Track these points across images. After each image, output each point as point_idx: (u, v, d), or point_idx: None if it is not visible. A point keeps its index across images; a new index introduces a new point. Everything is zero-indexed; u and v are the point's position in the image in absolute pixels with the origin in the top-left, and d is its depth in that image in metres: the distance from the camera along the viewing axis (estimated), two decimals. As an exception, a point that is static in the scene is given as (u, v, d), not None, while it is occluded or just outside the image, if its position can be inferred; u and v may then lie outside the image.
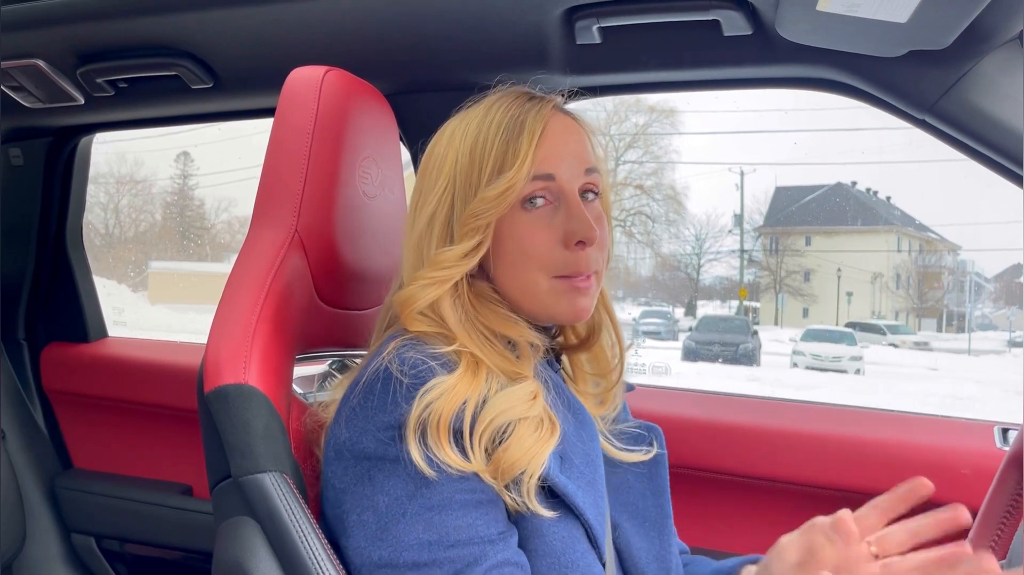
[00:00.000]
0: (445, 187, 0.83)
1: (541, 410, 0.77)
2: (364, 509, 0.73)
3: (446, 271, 0.81)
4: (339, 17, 1.26)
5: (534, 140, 0.81)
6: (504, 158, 0.81)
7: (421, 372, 0.74)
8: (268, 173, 0.95)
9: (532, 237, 0.82)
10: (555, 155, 0.82)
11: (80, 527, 1.83)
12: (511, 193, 0.80)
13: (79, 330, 1.92)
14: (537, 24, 1.21)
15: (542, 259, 0.82)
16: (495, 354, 0.79)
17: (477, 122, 0.84)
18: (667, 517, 0.91)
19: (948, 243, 18.07)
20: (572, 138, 0.85)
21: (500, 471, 0.73)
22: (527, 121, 0.82)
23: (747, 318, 15.48)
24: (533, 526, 0.75)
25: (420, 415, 0.71)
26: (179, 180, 14.66)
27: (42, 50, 1.44)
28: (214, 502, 0.85)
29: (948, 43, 1.03)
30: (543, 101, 0.85)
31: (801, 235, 18.27)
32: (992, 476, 0.95)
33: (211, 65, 1.43)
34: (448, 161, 0.84)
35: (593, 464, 0.82)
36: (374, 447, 0.73)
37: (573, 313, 0.83)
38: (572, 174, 0.83)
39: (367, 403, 0.74)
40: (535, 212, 0.82)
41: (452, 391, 0.73)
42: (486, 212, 0.80)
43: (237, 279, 0.89)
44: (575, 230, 0.81)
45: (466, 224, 0.81)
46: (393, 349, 0.76)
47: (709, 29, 1.18)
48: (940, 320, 17.21)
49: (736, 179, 16.97)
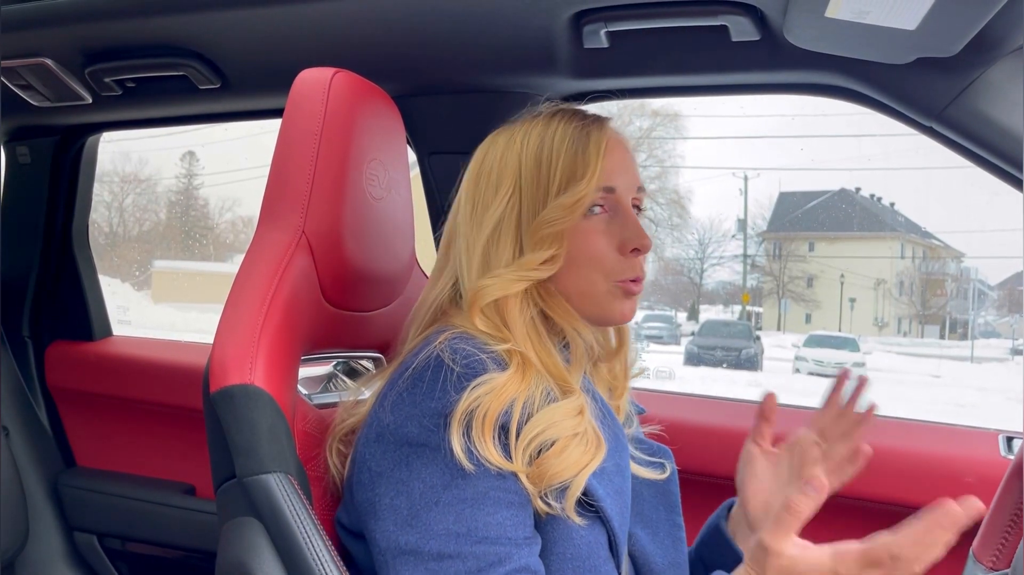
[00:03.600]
0: (510, 194, 0.86)
1: (588, 426, 0.79)
2: (398, 493, 0.73)
3: (528, 273, 0.84)
4: (347, 19, 1.26)
5: (601, 153, 0.85)
6: (574, 168, 0.85)
7: (472, 363, 0.75)
8: (275, 174, 0.95)
9: (596, 243, 0.86)
10: (615, 169, 0.87)
11: (82, 525, 1.83)
12: (583, 203, 0.84)
13: (84, 328, 1.92)
14: (545, 28, 1.22)
15: (603, 263, 0.86)
16: (547, 355, 0.82)
17: (539, 132, 0.87)
18: (679, 529, 0.93)
19: (952, 250, 18.04)
20: (628, 155, 0.90)
21: (542, 478, 0.74)
22: (592, 134, 0.86)
23: (750, 323, 15.47)
24: (563, 530, 0.76)
25: (468, 406, 0.72)
26: (184, 179, 14.69)
27: (50, 49, 1.45)
28: (218, 502, 0.85)
29: (956, 51, 1.03)
30: (601, 119, 0.90)
31: (804, 240, 18.25)
32: (996, 484, 0.95)
33: (219, 66, 1.43)
34: (510, 168, 0.87)
35: (623, 474, 0.84)
36: (417, 433, 0.74)
37: (623, 314, 0.88)
38: (628, 188, 0.88)
39: (416, 389, 0.75)
40: (594, 219, 0.86)
41: (502, 388, 0.74)
42: (561, 219, 0.84)
43: (244, 279, 0.89)
44: (631, 238, 0.86)
45: (540, 231, 0.84)
46: (445, 340, 0.78)
47: (717, 34, 1.18)
48: (943, 327, 17.17)
49: (740, 184, 16.97)
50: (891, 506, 1.30)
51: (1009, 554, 0.89)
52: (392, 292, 1.10)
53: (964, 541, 0.98)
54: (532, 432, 0.74)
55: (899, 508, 1.30)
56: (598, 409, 0.84)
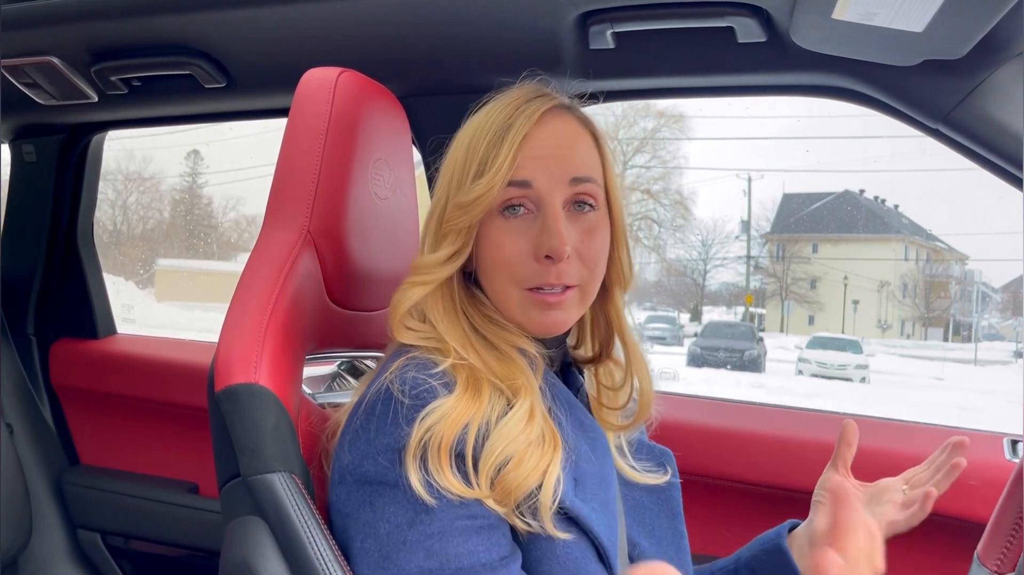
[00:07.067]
0: (442, 189, 0.82)
1: (539, 429, 0.75)
2: (366, 536, 0.72)
3: (427, 275, 0.80)
4: (353, 19, 1.26)
5: (515, 144, 0.78)
6: (486, 162, 0.78)
7: (421, 394, 0.72)
8: (281, 173, 0.95)
9: (504, 246, 0.79)
10: (538, 161, 0.79)
11: (86, 523, 1.83)
12: (484, 200, 0.78)
13: (88, 326, 1.92)
14: (552, 28, 1.22)
15: (512, 270, 0.79)
16: (492, 358, 0.78)
17: (477, 121, 0.82)
18: (682, 538, 0.91)
19: (956, 253, 18.02)
20: (564, 143, 0.81)
21: (508, 495, 0.72)
22: (515, 123, 0.78)
23: (752, 324, 15.46)
24: (547, 548, 0.74)
25: (421, 438, 0.70)
26: (188, 178, 14.72)
27: (57, 47, 1.45)
28: (222, 501, 0.85)
29: (963, 53, 1.03)
30: (540, 101, 0.81)
31: (808, 242, 18.25)
32: (1001, 488, 0.95)
33: (225, 65, 1.43)
34: (449, 162, 0.83)
35: (606, 483, 0.81)
36: (375, 471, 0.72)
37: (542, 326, 0.81)
38: (553, 183, 0.79)
39: (368, 425, 0.73)
40: (513, 220, 0.79)
41: (452, 414, 0.71)
42: (462, 217, 0.79)
43: (249, 279, 0.89)
44: (543, 243, 0.77)
45: (446, 227, 0.80)
46: (396, 369, 0.75)
47: (723, 36, 1.18)
48: (946, 329, 17.15)
49: (744, 185, 16.97)
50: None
51: (1014, 558, 0.89)
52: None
53: (969, 545, 0.98)
54: (491, 456, 0.71)
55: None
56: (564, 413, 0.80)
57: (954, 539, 1.25)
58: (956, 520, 1.25)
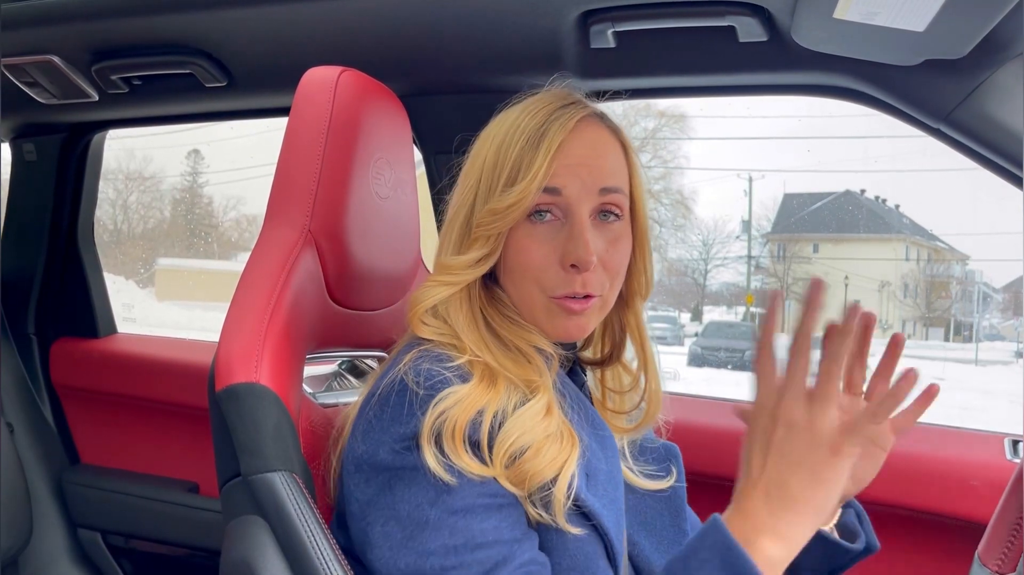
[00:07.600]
0: (469, 190, 0.82)
1: (557, 425, 0.76)
2: (387, 519, 0.72)
3: (454, 276, 0.81)
4: (354, 18, 1.26)
5: (550, 152, 0.78)
6: (520, 168, 0.78)
7: (436, 383, 0.73)
8: (282, 173, 0.95)
9: (532, 252, 0.80)
10: (569, 169, 0.79)
11: (86, 522, 1.83)
12: (520, 206, 0.78)
13: (89, 325, 1.92)
14: (552, 28, 1.21)
15: (538, 276, 0.80)
16: (508, 359, 0.78)
17: (508, 125, 0.82)
18: (685, 537, 0.90)
19: (957, 253, 18.00)
20: (596, 152, 0.81)
21: (523, 480, 0.72)
22: (549, 130, 0.79)
23: (753, 324, 15.43)
24: (558, 541, 0.74)
25: (434, 423, 0.70)
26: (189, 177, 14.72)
27: (57, 46, 1.45)
28: (223, 500, 0.85)
29: (965, 53, 1.02)
30: (574, 108, 0.81)
31: (809, 242, 18.22)
32: (1002, 488, 0.95)
33: (226, 64, 1.43)
34: (477, 163, 0.83)
35: (615, 481, 0.81)
36: (391, 458, 0.72)
37: (565, 333, 0.82)
38: (583, 191, 0.80)
39: (382, 415, 0.73)
40: (540, 226, 0.80)
41: (467, 400, 0.72)
42: (494, 223, 0.79)
43: (250, 278, 0.89)
44: (570, 252, 0.78)
45: (476, 232, 0.80)
46: (409, 360, 0.75)
47: (724, 35, 1.18)
48: (947, 330, 17.14)
49: (744, 185, 16.95)
50: (896, 509, 1.29)
51: (1015, 558, 0.88)
52: (397, 291, 1.09)
53: (970, 545, 0.97)
54: (506, 442, 0.72)
55: (904, 511, 1.30)
56: (578, 413, 0.81)
57: (955, 539, 1.25)
58: (957, 520, 1.25)
